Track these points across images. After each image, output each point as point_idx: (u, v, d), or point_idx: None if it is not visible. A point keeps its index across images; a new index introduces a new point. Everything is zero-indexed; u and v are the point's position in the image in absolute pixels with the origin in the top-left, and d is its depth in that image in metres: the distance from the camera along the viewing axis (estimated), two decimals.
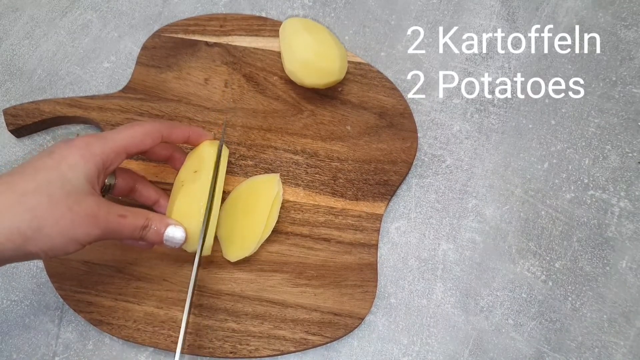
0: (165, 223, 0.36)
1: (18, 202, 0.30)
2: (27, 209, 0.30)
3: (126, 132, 0.36)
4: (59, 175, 0.32)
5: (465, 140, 0.47)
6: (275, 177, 0.43)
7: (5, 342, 0.42)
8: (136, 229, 0.35)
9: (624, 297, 0.44)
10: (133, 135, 0.36)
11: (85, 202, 0.32)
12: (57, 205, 0.31)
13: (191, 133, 0.40)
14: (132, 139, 0.36)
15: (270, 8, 0.51)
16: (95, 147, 0.34)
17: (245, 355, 0.40)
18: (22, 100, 0.48)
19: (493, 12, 0.51)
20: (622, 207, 0.46)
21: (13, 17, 0.51)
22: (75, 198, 0.32)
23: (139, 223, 0.35)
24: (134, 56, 0.49)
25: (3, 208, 0.30)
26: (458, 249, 0.45)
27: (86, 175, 0.33)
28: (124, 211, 0.34)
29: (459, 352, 0.42)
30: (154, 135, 0.37)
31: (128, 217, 0.34)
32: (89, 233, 0.32)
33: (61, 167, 0.32)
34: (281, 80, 0.47)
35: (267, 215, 0.41)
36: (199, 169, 0.39)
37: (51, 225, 0.31)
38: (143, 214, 0.36)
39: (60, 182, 0.31)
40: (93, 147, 0.34)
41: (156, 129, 0.38)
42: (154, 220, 0.36)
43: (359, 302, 0.42)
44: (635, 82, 0.49)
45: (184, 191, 0.38)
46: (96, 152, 0.34)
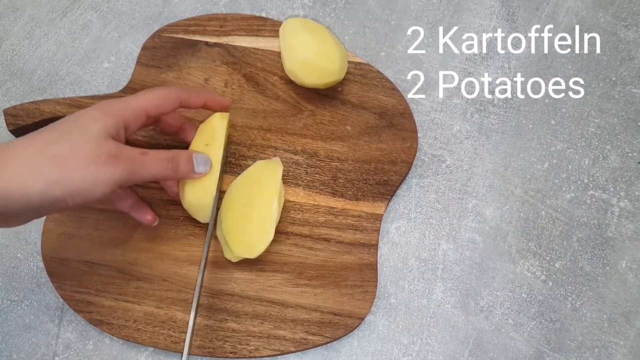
0: (189, 153, 0.38)
1: (42, 150, 0.31)
2: (51, 156, 0.31)
3: (146, 95, 0.37)
4: (79, 125, 0.33)
5: (465, 140, 0.47)
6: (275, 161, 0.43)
7: (5, 342, 0.42)
8: (162, 162, 0.36)
9: (624, 297, 0.44)
10: (153, 98, 0.37)
11: (105, 145, 0.33)
12: (78, 149, 0.32)
13: (208, 99, 0.41)
14: (151, 101, 0.37)
15: (270, 8, 0.51)
16: (114, 105, 0.35)
17: (245, 355, 0.40)
18: (22, 100, 0.48)
19: (493, 12, 0.51)
20: (622, 207, 0.46)
21: (13, 17, 0.51)
22: (95, 143, 0.33)
23: (163, 156, 0.36)
24: (134, 56, 0.49)
25: (28, 156, 0.31)
26: (458, 249, 0.45)
27: (106, 127, 0.34)
28: (145, 150, 0.36)
29: (459, 352, 0.42)
30: (173, 99, 0.38)
31: (150, 154, 0.36)
32: (113, 171, 0.33)
33: (81, 120, 0.34)
34: (281, 80, 0.47)
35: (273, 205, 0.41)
36: (210, 141, 0.40)
37: (74, 167, 0.32)
38: (164, 151, 0.37)
39: (80, 130, 0.33)
40: (113, 106, 0.35)
41: (175, 94, 0.39)
42: (178, 152, 0.37)
43: (359, 302, 0.42)
44: (635, 82, 0.49)
45: None
46: (116, 110, 0.35)
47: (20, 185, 0.30)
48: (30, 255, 0.44)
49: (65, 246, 0.42)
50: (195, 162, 0.38)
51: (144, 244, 0.43)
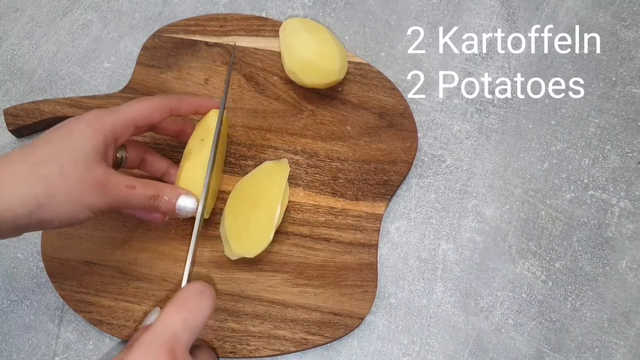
0: (177, 193, 0.37)
1: (31, 171, 0.31)
2: (40, 177, 0.31)
3: (135, 105, 0.37)
4: (69, 145, 0.33)
5: (465, 140, 0.47)
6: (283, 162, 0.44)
7: (5, 342, 0.42)
8: (146, 199, 0.36)
9: (624, 297, 0.44)
10: (142, 109, 0.37)
11: (94, 171, 0.33)
12: (67, 173, 0.32)
13: (199, 104, 0.41)
14: (141, 112, 0.37)
15: (270, 8, 0.51)
16: (104, 119, 0.35)
17: (245, 355, 0.40)
18: (22, 100, 0.48)
19: (493, 12, 0.51)
20: (622, 207, 0.46)
21: (13, 17, 0.51)
22: (84, 167, 0.33)
23: (148, 193, 0.36)
24: (134, 56, 0.49)
25: (17, 176, 0.31)
26: (458, 249, 0.45)
27: (95, 146, 0.34)
28: (134, 182, 0.35)
29: (459, 352, 0.42)
30: (163, 109, 0.38)
31: (137, 188, 0.35)
32: (98, 200, 0.33)
33: (71, 139, 0.33)
34: (281, 80, 0.47)
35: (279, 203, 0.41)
36: (205, 137, 0.40)
37: (63, 192, 0.32)
38: (153, 184, 0.37)
39: (70, 151, 0.33)
40: (102, 120, 0.35)
41: (165, 103, 0.39)
42: (164, 191, 0.37)
43: (359, 302, 0.42)
44: (635, 82, 0.49)
45: (191, 159, 0.39)
46: (106, 124, 0.35)
47: (8, 206, 0.30)
48: (30, 255, 0.44)
49: (65, 246, 0.42)
50: (180, 202, 0.37)
51: (144, 244, 0.43)
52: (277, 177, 0.43)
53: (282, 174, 0.43)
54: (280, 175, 0.43)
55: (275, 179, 0.42)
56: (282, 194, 0.42)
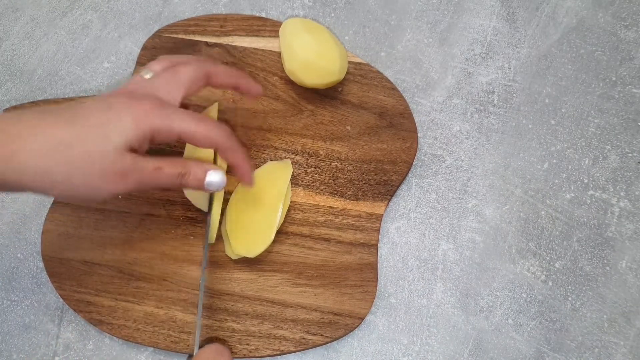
0: (204, 169, 0.36)
1: (57, 150, 0.31)
2: (64, 158, 0.31)
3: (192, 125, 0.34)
4: (101, 135, 0.32)
5: (465, 140, 0.47)
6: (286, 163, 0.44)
7: (5, 342, 0.42)
8: (174, 177, 0.35)
9: (624, 297, 0.44)
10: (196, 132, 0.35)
11: (120, 162, 0.32)
12: (91, 160, 0.31)
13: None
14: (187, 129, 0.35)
15: (270, 8, 0.51)
16: (154, 121, 0.33)
17: (245, 355, 0.40)
18: (22, 100, 0.48)
19: (493, 12, 0.51)
20: (622, 207, 0.46)
21: (13, 18, 0.51)
22: (110, 158, 0.32)
23: (175, 171, 0.35)
24: (134, 56, 0.49)
25: (41, 150, 0.31)
26: (458, 249, 0.45)
27: (130, 141, 0.33)
28: (161, 163, 0.34)
29: (459, 352, 0.42)
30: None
31: (164, 169, 0.34)
32: (116, 187, 0.33)
33: (108, 128, 0.32)
34: (281, 80, 0.47)
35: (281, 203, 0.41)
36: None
37: (80, 177, 0.32)
38: (181, 162, 0.36)
39: (100, 142, 0.32)
40: (149, 121, 0.33)
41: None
42: (192, 168, 0.36)
43: (359, 302, 0.42)
44: (635, 82, 0.49)
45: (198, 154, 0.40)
46: (150, 125, 0.33)
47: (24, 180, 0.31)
48: (30, 255, 0.44)
49: (65, 246, 0.42)
50: (209, 177, 0.37)
51: (144, 244, 0.43)
52: (280, 178, 0.43)
53: (285, 175, 0.43)
54: (282, 176, 0.43)
55: (278, 179, 0.43)
56: (284, 195, 0.42)
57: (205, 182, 0.36)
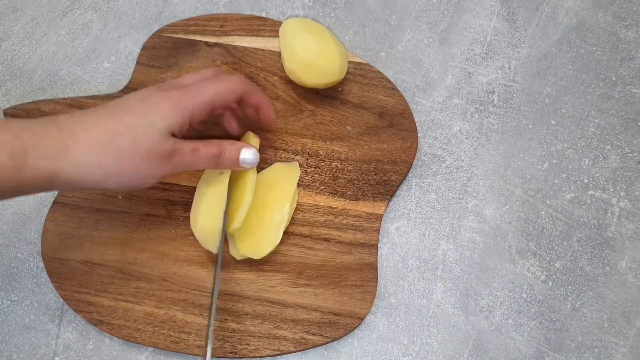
0: (238, 147, 0.39)
1: (106, 142, 0.33)
2: (114, 150, 0.33)
3: (214, 86, 0.37)
4: (146, 121, 0.34)
5: (465, 140, 0.47)
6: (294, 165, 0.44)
7: (5, 342, 0.42)
8: (210, 158, 0.38)
9: (624, 297, 0.44)
10: (220, 90, 0.37)
11: (163, 144, 0.35)
12: (138, 147, 0.34)
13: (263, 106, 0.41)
14: (219, 94, 0.37)
15: (270, 8, 0.51)
16: (186, 101, 0.35)
17: (245, 355, 0.40)
18: (22, 100, 0.48)
19: (493, 12, 0.51)
20: (622, 207, 0.46)
21: (13, 17, 0.51)
22: (155, 141, 0.34)
23: (212, 152, 0.37)
24: (134, 56, 0.49)
25: (93, 144, 0.33)
26: (458, 249, 0.45)
27: (171, 126, 0.35)
28: (197, 144, 0.37)
29: (459, 352, 0.42)
30: (237, 92, 0.39)
31: (201, 149, 0.37)
32: (162, 170, 0.35)
33: (150, 115, 0.34)
34: (281, 80, 0.47)
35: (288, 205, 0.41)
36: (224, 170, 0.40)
37: (130, 165, 0.34)
38: (215, 143, 0.38)
39: (145, 127, 0.34)
40: (184, 101, 0.35)
41: (240, 86, 0.39)
42: (226, 147, 0.38)
43: (359, 302, 0.42)
44: (635, 82, 0.49)
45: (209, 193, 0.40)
46: (187, 106, 0.35)
47: (80, 174, 0.32)
48: (30, 255, 0.44)
49: (65, 246, 0.42)
50: (242, 155, 0.39)
51: (144, 244, 0.43)
52: (287, 180, 0.43)
53: (292, 177, 0.43)
54: (290, 178, 0.43)
55: (285, 181, 0.43)
56: (291, 197, 0.42)
57: (240, 159, 0.39)
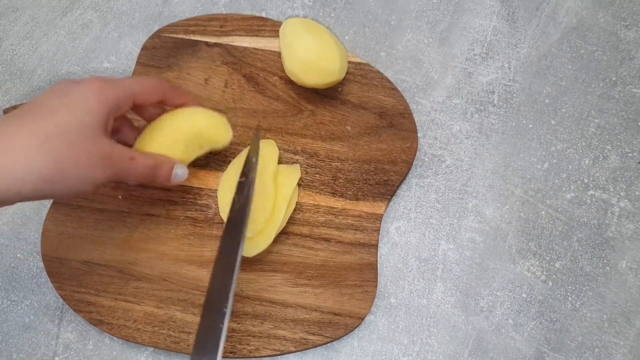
0: (172, 163, 0.39)
1: (41, 146, 0.31)
2: (49, 152, 0.31)
3: (137, 82, 0.38)
4: (77, 119, 0.33)
5: (465, 140, 0.47)
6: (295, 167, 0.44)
7: (5, 342, 0.42)
8: (146, 169, 0.37)
9: (624, 297, 0.44)
10: (143, 85, 0.38)
11: (101, 145, 0.34)
12: (76, 149, 0.32)
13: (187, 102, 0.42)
14: (142, 88, 0.38)
15: (270, 8, 0.51)
16: (109, 91, 0.35)
17: (245, 355, 0.40)
18: (22, 100, 0.48)
19: (493, 12, 0.51)
20: (622, 207, 0.46)
21: (13, 17, 0.51)
22: (93, 142, 0.33)
23: (148, 163, 0.37)
24: (134, 56, 0.49)
25: (26, 151, 0.31)
26: (458, 249, 0.45)
27: (101, 119, 0.34)
28: (133, 153, 0.36)
29: (459, 352, 0.42)
30: (159, 92, 0.39)
31: (137, 160, 0.36)
32: (104, 174, 0.34)
33: (78, 111, 0.33)
34: (281, 80, 0.47)
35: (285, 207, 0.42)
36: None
37: (70, 168, 0.32)
38: (151, 155, 0.38)
39: (78, 126, 0.33)
40: (107, 92, 0.35)
41: (162, 87, 0.39)
42: (162, 160, 0.38)
43: (359, 302, 0.42)
44: (635, 82, 0.49)
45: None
46: (110, 96, 0.35)
47: (16, 180, 0.30)
48: (30, 255, 0.44)
49: (65, 246, 0.42)
50: (174, 172, 0.39)
51: (144, 244, 0.43)
52: (287, 181, 0.43)
53: (293, 179, 0.43)
54: (290, 179, 0.43)
55: (285, 182, 0.43)
56: (289, 197, 0.42)
57: (172, 174, 0.39)
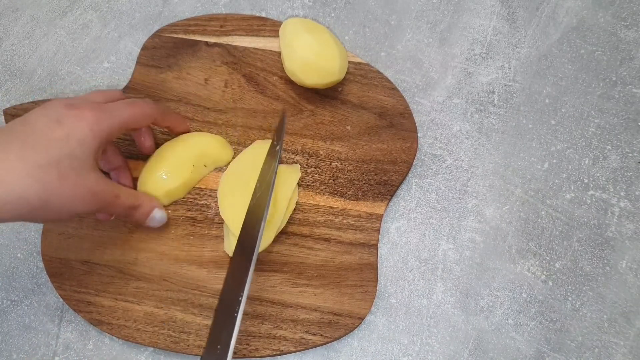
0: (152, 205, 0.40)
1: (31, 175, 0.31)
2: (39, 182, 0.32)
3: (129, 110, 0.38)
4: (69, 152, 0.33)
5: (465, 140, 0.47)
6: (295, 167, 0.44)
7: (5, 342, 0.42)
8: (127, 209, 0.38)
9: (624, 297, 0.44)
10: (134, 114, 0.38)
11: (88, 179, 0.34)
12: (65, 180, 0.33)
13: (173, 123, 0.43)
14: (133, 117, 0.38)
15: (270, 8, 0.51)
16: (103, 123, 0.35)
17: (245, 355, 0.40)
18: (22, 100, 0.48)
19: (493, 12, 0.51)
20: (622, 207, 0.46)
21: (13, 17, 0.51)
22: (81, 176, 0.34)
23: (130, 203, 0.38)
24: (134, 56, 0.49)
25: (16, 178, 0.31)
26: (458, 249, 0.45)
27: (93, 152, 0.35)
28: (119, 191, 0.37)
29: (459, 352, 0.42)
30: (150, 117, 0.40)
31: (121, 198, 0.37)
32: (88, 207, 0.35)
33: (71, 143, 0.33)
34: (281, 80, 0.47)
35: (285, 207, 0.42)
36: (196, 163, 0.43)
37: (57, 198, 0.32)
38: (134, 195, 0.39)
39: (69, 158, 0.33)
40: (101, 123, 0.35)
41: (153, 112, 0.40)
42: (144, 201, 0.40)
43: (359, 302, 0.42)
44: (635, 82, 0.49)
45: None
46: (104, 128, 0.35)
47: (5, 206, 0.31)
48: (30, 255, 0.44)
49: (65, 246, 0.42)
50: (152, 215, 0.40)
51: (144, 244, 0.43)
52: (287, 181, 0.43)
53: (292, 179, 0.43)
54: (289, 180, 0.43)
55: (285, 182, 0.43)
56: (289, 198, 0.42)
57: (150, 217, 0.40)
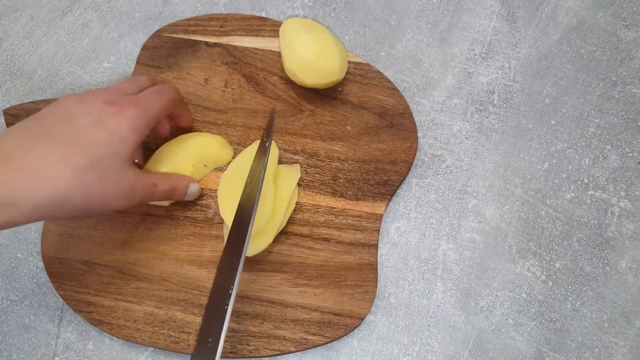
0: (187, 182, 0.41)
1: (75, 177, 0.32)
2: (82, 184, 0.32)
3: (160, 101, 0.39)
4: (111, 151, 0.34)
5: (465, 140, 0.47)
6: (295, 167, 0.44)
7: (5, 342, 0.42)
8: (166, 193, 0.39)
9: (624, 297, 0.44)
10: (165, 105, 0.39)
11: (127, 176, 0.35)
12: (105, 181, 0.34)
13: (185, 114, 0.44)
14: (165, 109, 0.39)
15: (270, 8, 0.51)
16: (141, 120, 0.36)
17: (245, 355, 0.40)
18: (22, 100, 0.48)
19: (493, 12, 0.51)
20: (622, 207, 0.46)
21: (13, 17, 0.51)
22: (121, 173, 0.35)
23: (167, 188, 0.39)
24: (134, 56, 0.49)
25: (60, 180, 0.32)
26: (458, 249, 0.45)
27: (132, 148, 0.35)
28: (155, 179, 0.38)
29: (459, 352, 0.42)
30: (175, 103, 0.41)
31: (159, 185, 0.38)
32: (127, 203, 0.36)
33: (113, 143, 0.34)
34: (281, 80, 0.47)
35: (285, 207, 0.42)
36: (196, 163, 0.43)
37: (98, 199, 0.34)
38: (169, 178, 0.40)
39: (111, 158, 0.34)
40: (140, 121, 0.36)
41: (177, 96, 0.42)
42: (179, 182, 0.41)
43: (359, 302, 0.42)
44: (635, 82, 0.49)
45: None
46: (142, 125, 0.36)
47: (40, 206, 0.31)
48: (30, 255, 0.44)
49: (65, 246, 0.42)
50: (189, 191, 0.41)
51: (144, 244, 0.43)
52: (287, 181, 0.43)
53: (292, 179, 0.43)
54: (289, 180, 0.43)
55: (285, 183, 0.43)
56: (289, 198, 0.42)
57: (187, 192, 0.41)
